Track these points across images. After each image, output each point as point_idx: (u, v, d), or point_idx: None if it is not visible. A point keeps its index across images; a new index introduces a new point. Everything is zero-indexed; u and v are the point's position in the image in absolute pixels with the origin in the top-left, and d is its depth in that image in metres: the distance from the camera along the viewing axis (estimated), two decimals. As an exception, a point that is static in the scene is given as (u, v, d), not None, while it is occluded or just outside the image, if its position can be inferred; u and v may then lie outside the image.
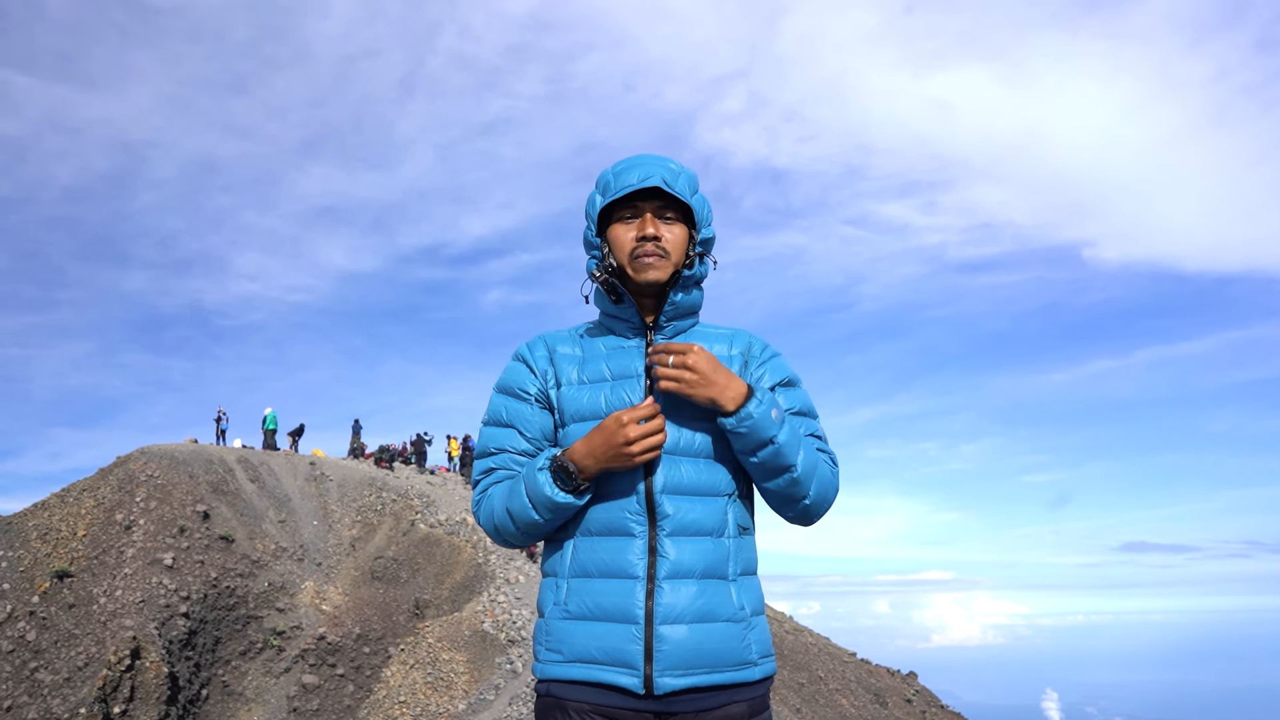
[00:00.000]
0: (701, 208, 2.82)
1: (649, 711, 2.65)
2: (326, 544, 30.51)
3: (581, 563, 2.72)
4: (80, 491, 27.66)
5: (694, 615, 2.65)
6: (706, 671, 2.64)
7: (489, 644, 22.64)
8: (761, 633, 2.77)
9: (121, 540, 25.63)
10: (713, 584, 2.69)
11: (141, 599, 24.03)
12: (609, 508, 2.72)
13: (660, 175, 2.74)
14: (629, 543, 2.68)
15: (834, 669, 28.58)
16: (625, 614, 2.64)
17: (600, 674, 2.64)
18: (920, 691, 32.18)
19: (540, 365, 2.87)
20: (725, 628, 2.68)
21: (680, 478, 2.71)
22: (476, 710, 20.53)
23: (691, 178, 2.82)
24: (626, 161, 2.81)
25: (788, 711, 22.28)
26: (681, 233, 2.79)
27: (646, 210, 2.78)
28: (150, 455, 29.03)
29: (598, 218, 2.84)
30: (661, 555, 2.66)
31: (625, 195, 2.77)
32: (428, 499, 32.22)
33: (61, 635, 22.88)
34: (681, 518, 2.69)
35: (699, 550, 2.68)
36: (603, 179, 2.84)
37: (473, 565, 27.72)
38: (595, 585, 2.69)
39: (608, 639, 2.64)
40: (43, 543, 25.34)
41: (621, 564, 2.67)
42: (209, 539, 26.96)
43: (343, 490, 32.90)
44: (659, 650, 2.61)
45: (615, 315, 2.86)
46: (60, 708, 21.25)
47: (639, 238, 2.76)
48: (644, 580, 2.66)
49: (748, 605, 2.74)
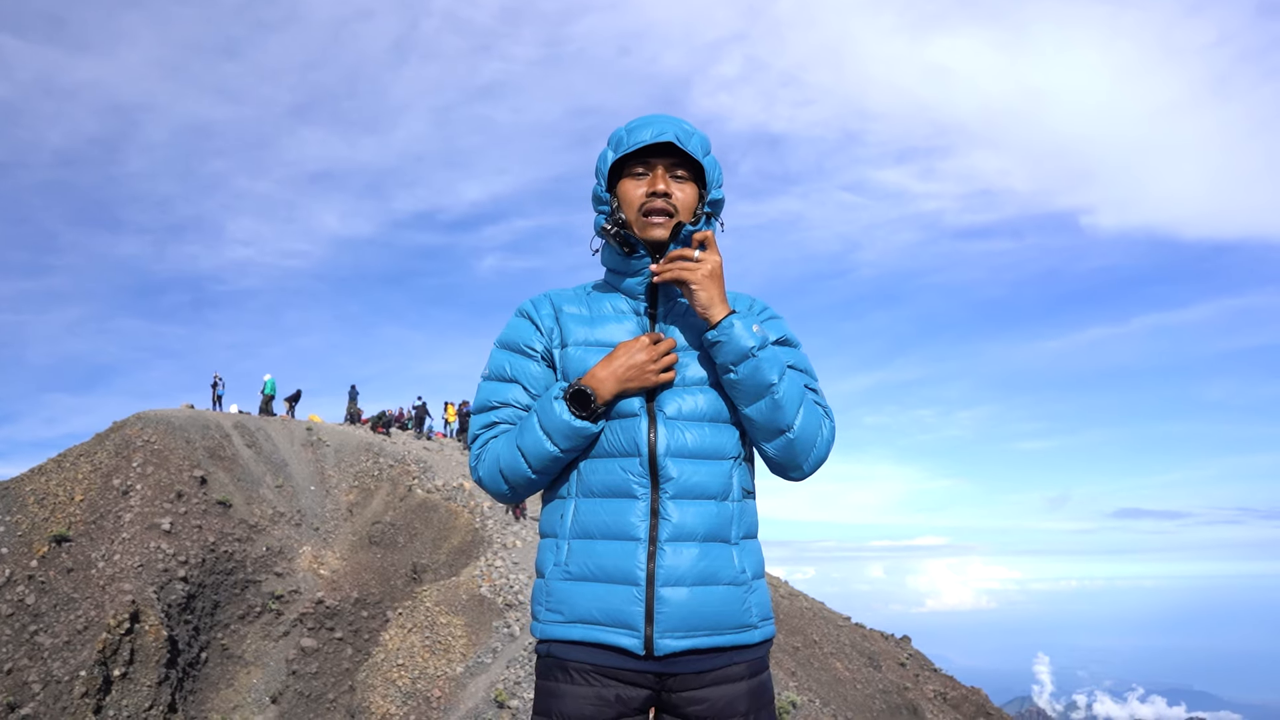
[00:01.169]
0: (713, 169, 2.83)
1: (649, 672, 2.66)
2: (324, 509, 30.63)
3: (583, 524, 2.71)
4: (77, 456, 27.69)
5: (695, 578, 2.65)
6: (707, 634, 2.65)
7: (486, 608, 22.79)
8: (762, 596, 2.79)
9: (119, 505, 25.71)
10: (715, 547, 2.69)
11: (140, 563, 24.14)
12: (611, 469, 2.71)
13: (674, 132, 2.75)
14: (631, 504, 2.68)
15: (829, 633, 28.85)
16: (627, 575, 2.64)
17: (601, 634, 2.64)
18: (914, 655, 32.52)
19: (546, 323, 2.86)
20: (726, 591, 2.68)
21: (684, 441, 2.71)
22: (474, 673, 20.71)
23: (704, 139, 2.83)
24: (640, 119, 2.82)
25: (783, 675, 22.50)
26: (692, 192, 2.81)
27: (658, 166, 2.78)
28: (147, 421, 29.03)
29: (609, 174, 2.84)
30: (664, 518, 2.66)
31: (637, 152, 2.78)
32: (425, 464, 32.32)
33: (60, 599, 23.00)
34: (685, 480, 2.68)
35: (702, 513, 2.68)
36: (615, 135, 2.84)
37: (470, 530, 27.86)
38: (596, 547, 2.68)
39: (609, 600, 2.64)
40: (40, 507, 25.41)
41: (623, 525, 2.67)
42: (206, 504, 27.04)
43: (340, 456, 32.97)
44: (659, 612, 2.62)
45: (622, 271, 2.86)
46: (61, 670, 21.42)
47: (649, 193, 2.77)
48: (646, 542, 2.65)
49: (749, 569, 2.75)
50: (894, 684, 28.18)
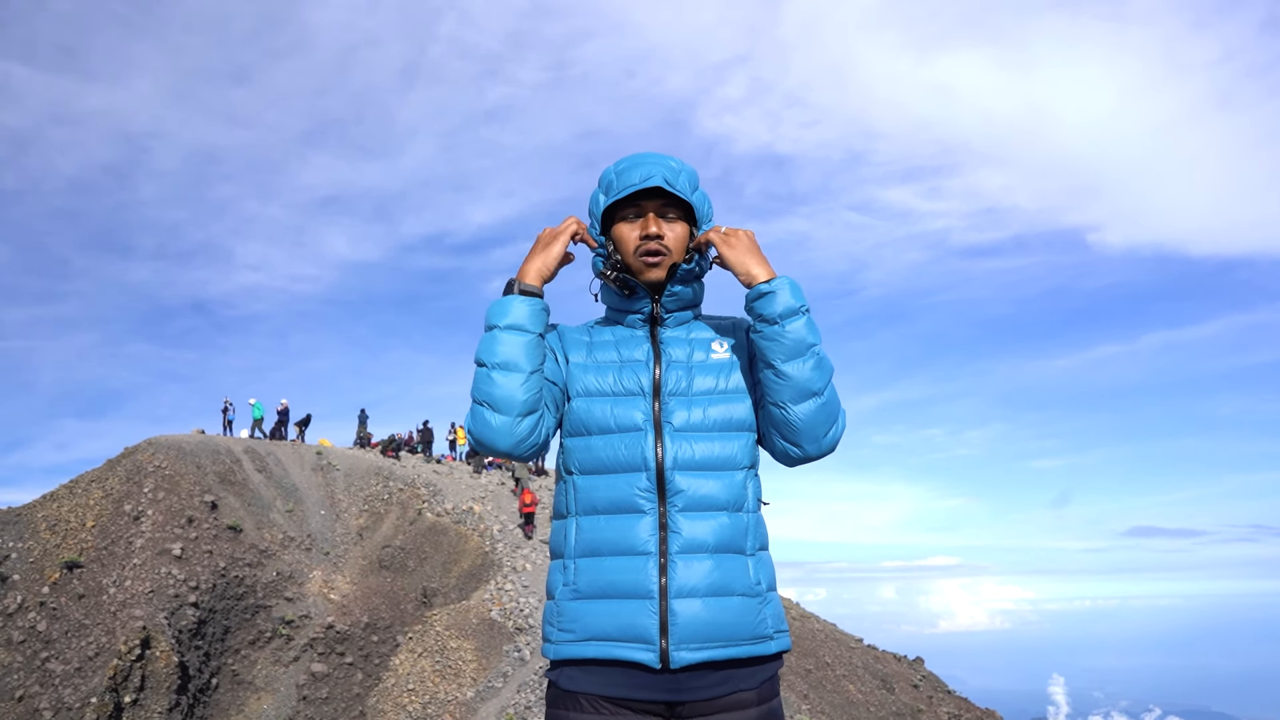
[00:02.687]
0: (702, 204, 2.89)
1: (661, 702, 2.66)
2: (334, 533, 30.64)
3: (589, 541, 2.72)
4: (89, 482, 27.79)
5: (708, 589, 2.65)
6: (722, 645, 2.65)
7: (497, 632, 22.74)
8: (776, 607, 2.78)
9: (130, 531, 25.77)
10: (729, 558, 2.70)
11: (151, 589, 24.16)
12: (616, 485, 2.72)
13: (661, 174, 2.80)
14: (638, 520, 2.69)
15: (841, 655, 28.67)
16: (639, 589, 2.64)
17: (616, 650, 2.64)
18: (927, 677, 32.27)
19: (551, 341, 2.91)
20: (741, 602, 2.68)
21: (692, 454, 2.73)
22: (485, 698, 20.64)
23: (692, 174, 2.88)
24: (628, 160, 2.87)
25: (795, 698, 22.37)
26: (683, 230, 2.87)
27: (649, 209, 2.84)
28: (158, 446, 29.15)
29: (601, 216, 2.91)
30: (673, 531, 2.67)
31: (628, 195, 2.83)
32: (434, 488, 32.33)
33: (72, 625, 23.03)
34: (694, 493, 2.70)
35: (714, 526, 2.70)
36: (605, 178, 2.90)
37: (480, 554, 27.83)
38: (605, 563, 2.69)
39: (622, 615, 2.64)
40: (52, 534, 25.49)
41: (631, 541, 2.68)
42: (217, 529, 27.09)
43: (349, 480, 33.01)
44: (674, 624, 2.61)
45: (624, 309, 2.92)
46: (72, 697, 21.42)
47: (642, 236, 2.83)
48: (656, 556, 2.66)
49: (763, 580, 2.76)
50: (907, 706, 27.96)
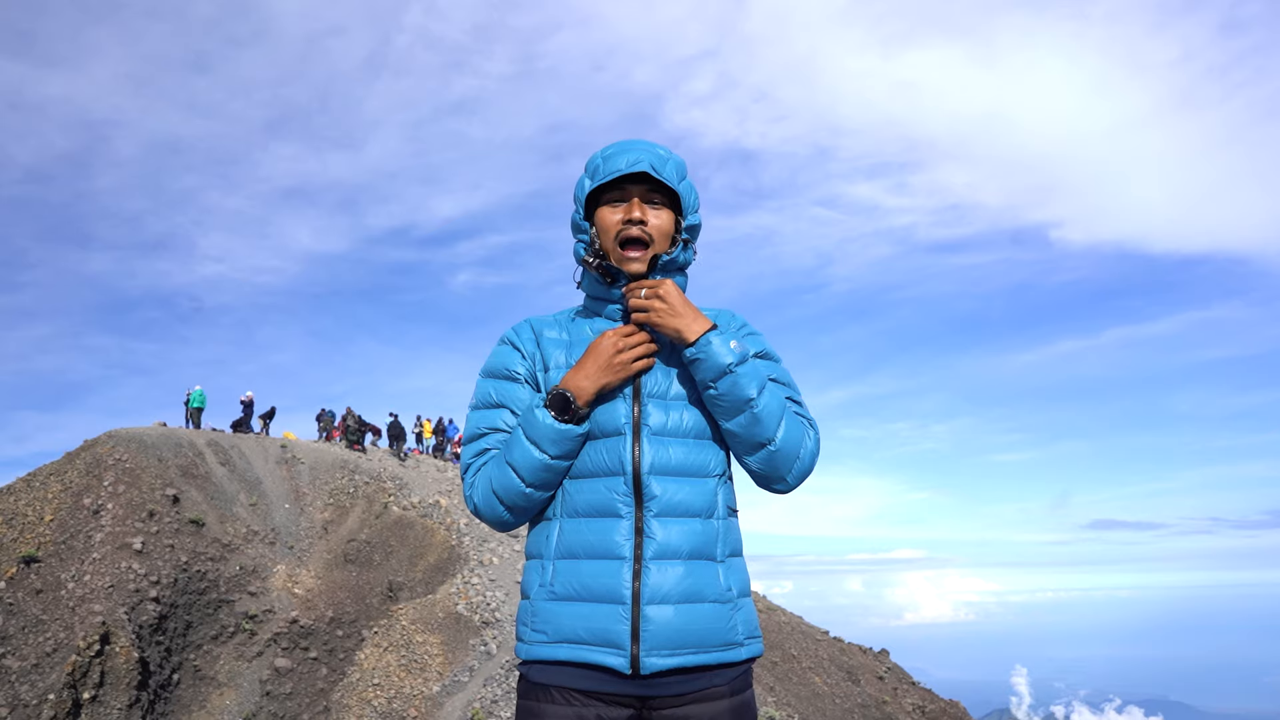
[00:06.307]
0: (689, 194, 2.87)
1: (632, 695, 2.67)
2: (298, 527, 30.33)
3: (568, 544, 2.73)
4: (47, 476, 27.29)
5: (681, 596, 2.67)
6: (693, 651, 2.66)
7: (463, 626, 22.63)
8: (748, 614, 2.79)
9: (90, 525, 25.34)
10: (700, 565, 2.71)
11: (111, 584, 23.78)
12: (596, 489, 2.73)
13: (648, 160, 2.79)
14: (615, 524, 2.69)
15: (807, 647, 28.83)
16: (612, 594, 2.65)
17: (587, 654, 2.66)
18: (892, 669, 32.54)
19: (528, 348, 2.89)
20: (712, 609, 2.70)
21: (669, 458, 2.73)
22: (451, 692, 20.54)
23: (680, 164, 2.87)
24: (616, 146, 2.85)
25: (761, 690, 22.47)
26: (668, 218, 2.85)
27: (634, 194, 2.82)
28: (118, 439, 28.67)
29: (585, 201, 2.88)
30: (648, 536, 2.68)
31: (613, 179, 2.81)
32: (401, 481, 32.12)
33: (29, 621, 22.62)
34: (669, 499, 2.71)
35: (686, 531, 2.71)
36: (591, 163, 2.88)
37: (446, 548, 27.68)
38: (582, 566, 2.70)
39: (594, 619, 2.66)
40: (9, 528, 25.01)
41: (608, 545, 2.69)
42: (179, 523, 26.70)
43: (314, 473, 32.68)
44: (645, 630, 2.63)
45: (604, 298, 2.90)
46: (29, 694, 21.04)
47: (625, 220, 2.81)
48: (630, 561, 2.67)
49: (735, 586, 2.77)
50: (872, 698, 28.18)
